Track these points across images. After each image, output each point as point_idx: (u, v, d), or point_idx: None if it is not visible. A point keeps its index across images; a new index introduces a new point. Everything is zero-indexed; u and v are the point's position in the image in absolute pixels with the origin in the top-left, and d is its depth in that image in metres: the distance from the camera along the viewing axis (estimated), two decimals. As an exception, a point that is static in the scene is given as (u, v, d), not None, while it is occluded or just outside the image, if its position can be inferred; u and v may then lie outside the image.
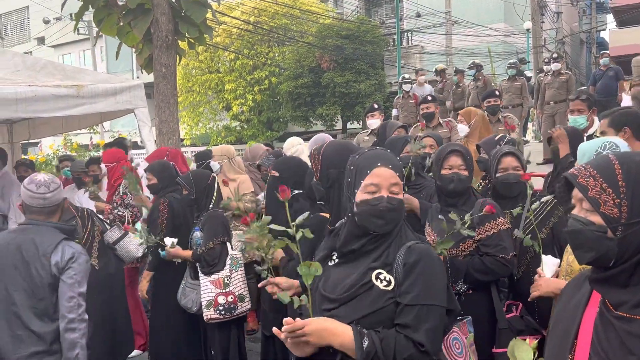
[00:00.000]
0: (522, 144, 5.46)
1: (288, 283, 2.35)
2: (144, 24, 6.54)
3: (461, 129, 5.22)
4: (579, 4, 29.82)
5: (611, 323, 1.24)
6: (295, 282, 2.37)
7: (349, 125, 21.30)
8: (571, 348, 1.30)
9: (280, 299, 1.74)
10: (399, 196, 1.72)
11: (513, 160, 2.89)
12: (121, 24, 6.90)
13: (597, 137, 3.19)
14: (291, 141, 5.52)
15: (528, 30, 21.18)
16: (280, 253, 3.01)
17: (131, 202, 4.76)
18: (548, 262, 2.26)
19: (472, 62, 10.01)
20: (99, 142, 13.19)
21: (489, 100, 6.35)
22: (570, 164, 3.15)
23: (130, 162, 5.15)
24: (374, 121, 5.65)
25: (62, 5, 6.46)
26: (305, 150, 4.97)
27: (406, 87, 9.40)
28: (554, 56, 9.90)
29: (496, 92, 6.63)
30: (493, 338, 2.52)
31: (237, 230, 4.11)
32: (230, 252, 3.66)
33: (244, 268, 3.70)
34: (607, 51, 13.07)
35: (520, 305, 2.64)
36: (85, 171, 5.93)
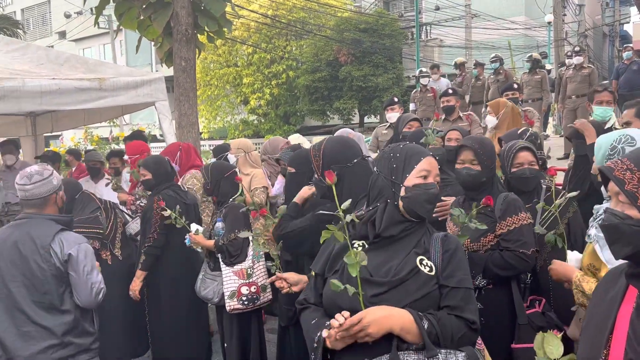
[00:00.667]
0: (542, 139, 5.38)
1: (296, 278, 2.35)
2: (164, 17, 6.60)
3: (489, 121, 5.12)
4: (601, -4, 29.32)
5: None
6: (304, 277, 2.37)
7: (366, 119, 21.24)
8: (606, 343, 1.28)
9: (332, 287, 1.67)
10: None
11: (529, 155, 2.87)
12: (141, 17, 6.97)
13: (616, 130, 3.15)
14: (292, 137, 5.51)
15: (549, 23, 20.86)
16: None
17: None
18: (572, 258, 2.25)
19: (495, 55, 9.88)
20: (118, 135, 13.34)
21: (507, 93, 6.28)
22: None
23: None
24: (394, 114, 5.62)
25: (84, -1, 6.53)
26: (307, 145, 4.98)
27: (424, 81, 9.34)
28: (576, 49, 9.76)
29: (515, 85, 6.55)
30: (513, 333, 2.50)
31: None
32: (252, 244, 3.68)
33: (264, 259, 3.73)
34: (631, 44, 12.82)
35: (543, 300, 2.62)
36: (100, 161, 5.99)
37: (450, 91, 6.27)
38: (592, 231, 2.19)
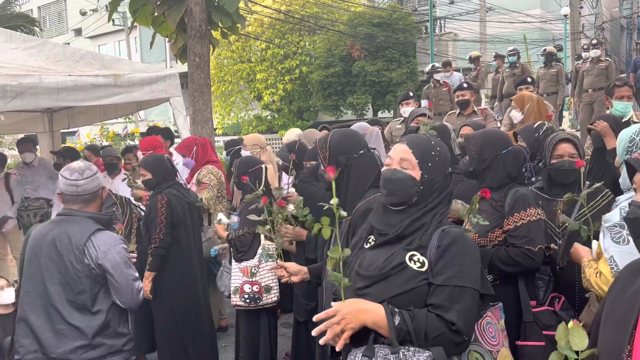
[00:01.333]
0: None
1: (297, 268, 2.41)
2: (178, 13, 6.63)
3: (515, 116, 5.05)
4: (619, -12, 28.84)
5: None
6: (304, 267, 2.43)
7: (379, 114, 21.16)
8: (630, 339, 1.25)
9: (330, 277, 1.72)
10: (407, 171, 1.78)
11: (569, 147, 2.80)
12: (155, 14, 7.01)
13: (635, 123, 3.10)
14: (293, 131, 5.52)
15: (565, 16, 20.58)
16: (302, 232, 3.08)
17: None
18: (593, 247, 2.25)
19: (514, 48, 9.77)
20: (133, 131, 13.46)
21: (522, 87, 6.23)
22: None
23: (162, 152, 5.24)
24: (409, 109, 5.61)
25: (99, -4, 6.58)
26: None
27: (437, 76, 9.29)
28: (593, 42, 9.62)
29: (529, 79, 6.50)
30: (519, 330, 2.47)
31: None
32: (262, 242, 3.66)
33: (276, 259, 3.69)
34: (649, 37, 12.60)
35: (562, 298, 2.56)
36: (117, 157, 6.06)
37: (465, 85, 6.23)
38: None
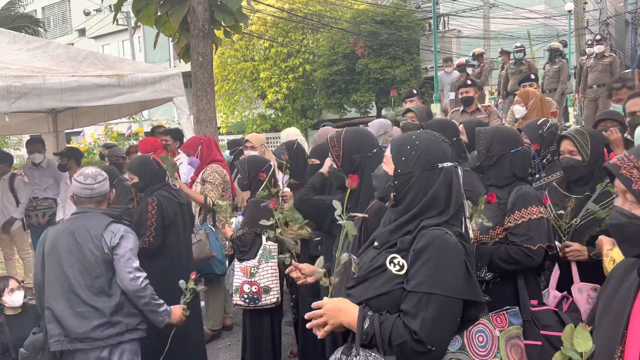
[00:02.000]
0: (563, 129, 5.32)
1: (312, 269, 2.36)
2: (181, 13, 6.64)
3: (517, 111, 5.06)
4: (624, -17, 28.67)
5: None
6: (318, 268, 2.40)
7: (383, 112, 21.14)
8: (622, 339, 1.25)
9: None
10: (383, 167, 1.79)
11: (567, 144, 2.80)
12: (158, 13, 7.02)
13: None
14: (293, 131, 5.52)
15: (570, 11, 20.48)
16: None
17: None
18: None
19: (521, 45, 9.74)
20: (137, 130, 13.49)
21: (525, 84, 6.22)
22: None
23: (165, 151, 5.27)
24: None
25: (102, -4, 6.61)
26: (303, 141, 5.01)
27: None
28: (597, 38, 9.56)
29: (532, 76, 6.49)
30: None
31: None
32: (263, 243, 3.64)
33: (276, 261, 3.66)
34: (655, 32, 12.53)
35: (570, 299, 2.56)
36: (122, 156, 6.11)
37: (468, 82, 6.22)
38: None
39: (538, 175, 3.23)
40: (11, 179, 6.42)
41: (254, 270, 3.60)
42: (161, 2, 6.82)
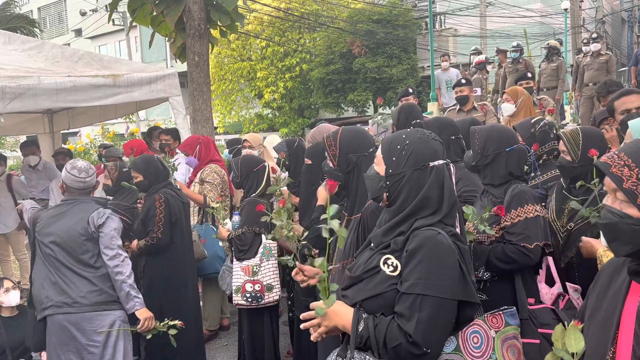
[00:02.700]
0: (559, 128, 5.32)
1: (314, 271, 2.34)
2: (176, 12, 6.62)
3: (506, 108, 5.06)
4: (620, -19, 28.72)
5: None
6: (319, 270, 2.39)
7: (380, 111, 21.12)
8: (613, 340, 1.24)
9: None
10: (375, 167, 1.78)
11: (561, 144, 2.78)
12: (154, 13, 7.00)
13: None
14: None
15: (566, 10, 20.49)
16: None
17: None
18: (603, 238, 2.24)
19: (518, 44, 9.75)
20: (133, 131, 13.44)
21: (522, 82, 6.22)
22: None
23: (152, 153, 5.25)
24: (408, 105, 5.59)
25: (98, -4, 6.59)
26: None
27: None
28: (593, 36, 9.58)
29: (529, 75, 6.49)
30: None
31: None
32: (263, 242, 3.65)
33: (276, 258, 3.69)
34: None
35: (566, 297, 2.55)
36: (119, 157, 6.08)
37: (463, 81, 6.22)
38: None
39: (533, 174, 3.22)
40: (8, 179, 6.40)
41: (256, 268, 3.60)
42: (156, 2, 6.80)
